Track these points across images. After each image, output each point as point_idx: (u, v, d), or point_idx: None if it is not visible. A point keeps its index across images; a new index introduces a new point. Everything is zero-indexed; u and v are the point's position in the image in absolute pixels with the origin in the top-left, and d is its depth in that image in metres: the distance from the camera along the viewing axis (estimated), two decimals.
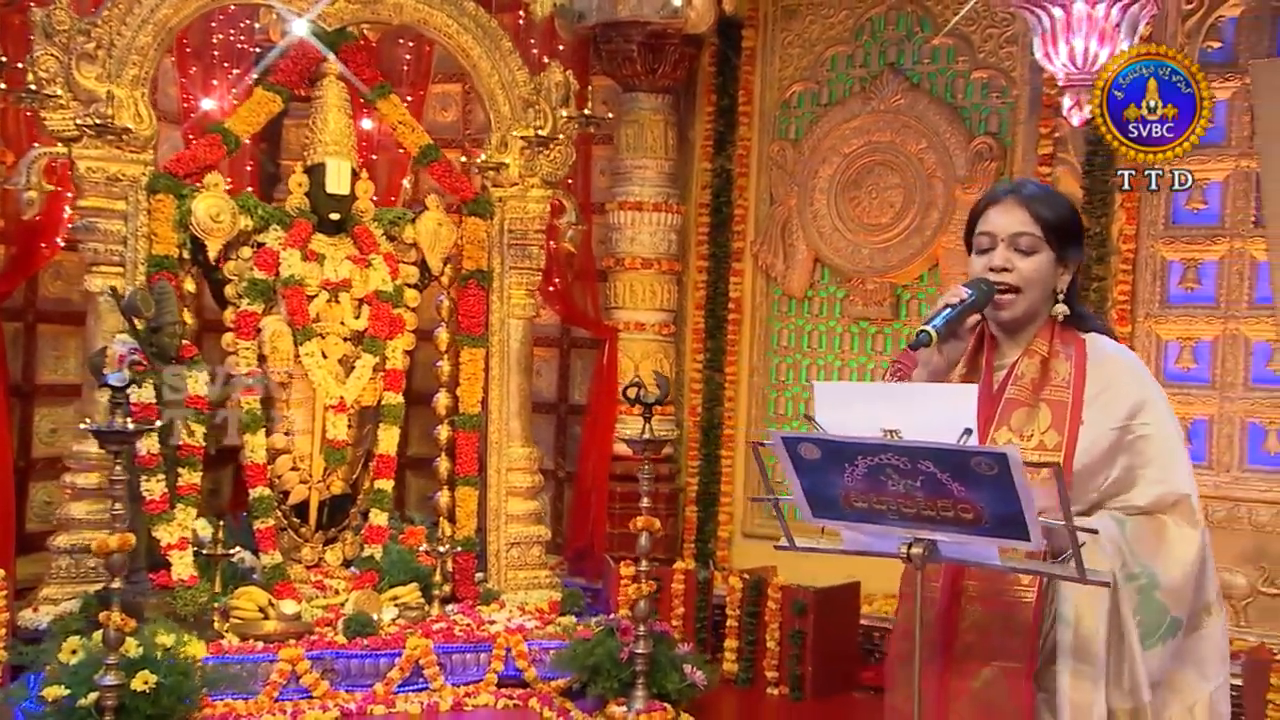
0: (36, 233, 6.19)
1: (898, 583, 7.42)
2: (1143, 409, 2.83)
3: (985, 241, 2.83)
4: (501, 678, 6.10)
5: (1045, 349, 2.88)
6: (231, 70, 7.31)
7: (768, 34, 7.71)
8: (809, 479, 2.55)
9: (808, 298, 7.78)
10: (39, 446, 6.66)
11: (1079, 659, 2.73)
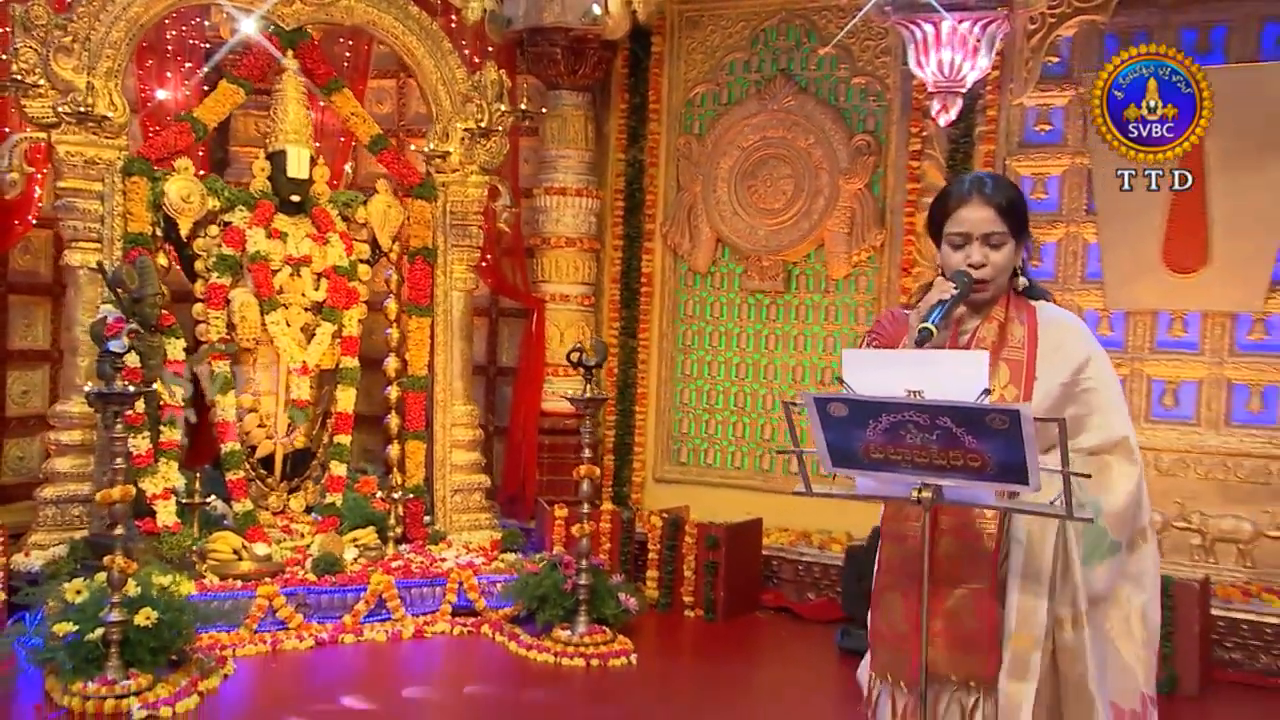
0: (10, 211, 6.08)
1: (791, 519, 7.63)
2: (1088, 365, 2.91)
3: (959, 240, 2.89)
4: (455, 608, 6.27)
5: (1002, 315, 2.94)
6: (184, 63, 7.18)
7: (674, 41, 7.68)
8: (833, 434, 2.59)
9: (710, 273, 7.78)
10: (11, 407, 6.61)
11: (1028, 574, 2.81)
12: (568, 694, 5.57)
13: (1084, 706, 2.84)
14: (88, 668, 4.72)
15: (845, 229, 7.22)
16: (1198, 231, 6.61)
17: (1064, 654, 2.82)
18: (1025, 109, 6.95)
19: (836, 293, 7.46)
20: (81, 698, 4.66)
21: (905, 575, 2.88)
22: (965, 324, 2.92)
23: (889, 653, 2.94)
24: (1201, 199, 6.58)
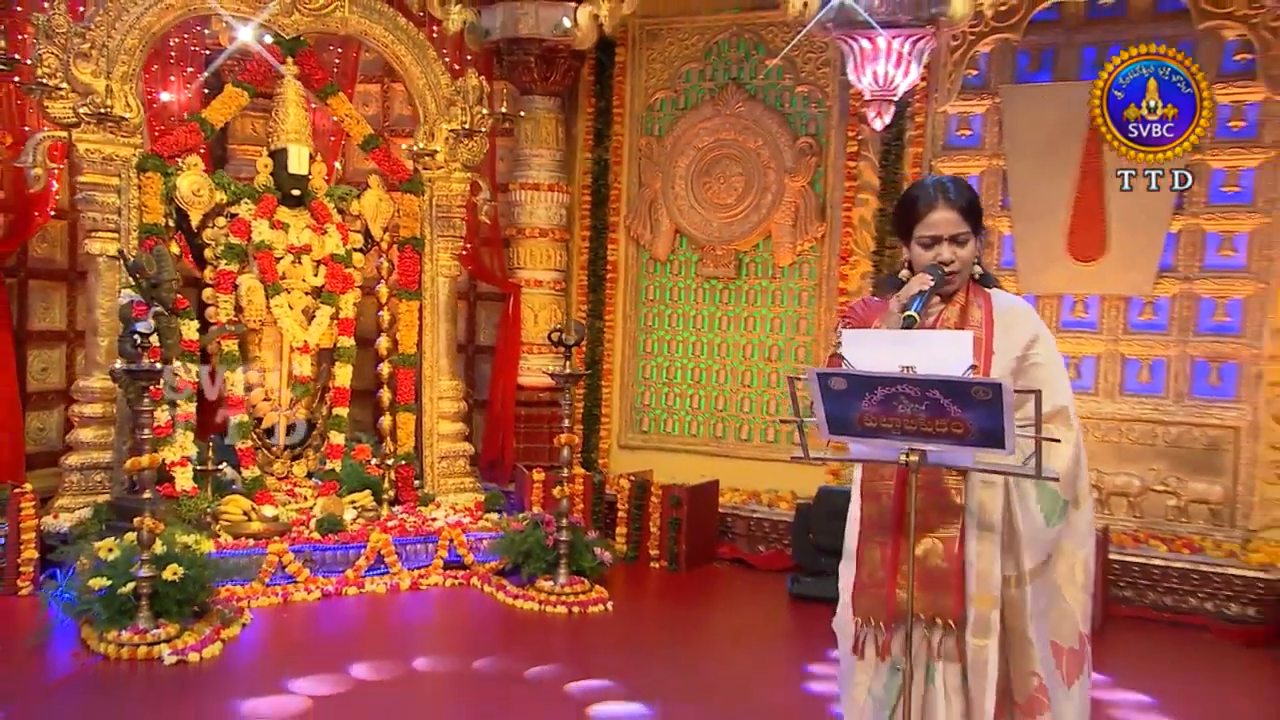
0: (31, 203, 6.06)
1: (743, 481, 7.73)
2: (1035, 343, 2.96)
3: (929, 241, 2.94)
4: (446, 563, 6.39)
5: (963, 300, 3.00)
6: (186, 68, 7.10)
7: (636, 51, 7.70)
8: (832, 405, 2.62)
9: (669, 261, 7.80)
10: (32, 382, 6.56)
11: (982, 529, 2.88)
12: (553, 637, 5.59)
13: (1024, 648, 2.91)
14: (120, 618, 4.80)
15: (790, 222, 7.32)
16: (1098, 226, 6.72)
17: (1009, 608, 2.89)
18: (948, 116, 7.10)
19: (782, 279, 7.52)
20: (116, 645, 4.74)
21: (881, 529, 2.96)
22: (931, 309, 2.96)
23: (869, 599, 2.97)
24: (1100, 196, 6.67)
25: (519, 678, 5.03)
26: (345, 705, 4.63)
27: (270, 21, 6.25)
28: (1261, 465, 6.54)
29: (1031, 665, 2.92)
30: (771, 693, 5.06)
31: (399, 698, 4.82)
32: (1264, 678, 5.65)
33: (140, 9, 5.82)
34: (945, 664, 2.89)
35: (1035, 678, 2.92)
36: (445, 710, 5.01)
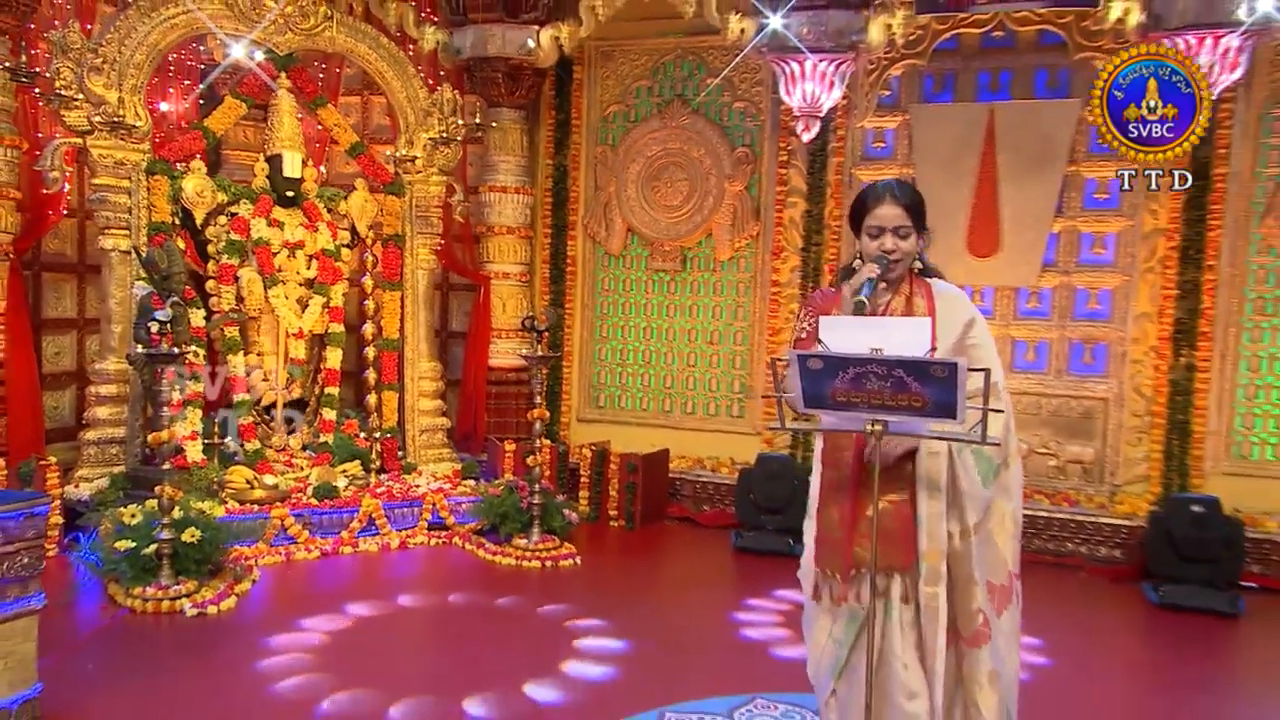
0: (45, 203, 6.04)
1: (689, 449, 7.81)
2: (972, 327, 3.00)
3: (876, 231, 2.97)
4: (430, 524, 6.42)
5: (908, 290, 3.03)
6: (183, 80, 7.06)
7: (592, 70, 7.67)
8: (808, 382, 2.62)
9: (622, 255, 7.79)
10: (46, 365, 6.50)
11: (930, 491, 2.94)
12: (530, 588, 5.64)
13: (970, 590, 2.95)
14: (145, 576, 4.90)
15: (729, 221, 7.41)
16: (992, 227, 6.86)
17: (955, 558, 2.94)
18: (865, 130, 7.18)
19: (722, 271, 7.56)
20: (142, 600, 4.84)
21: (840, 492, 2.98)
22: (880, 298, 2.98)
23: (829, 551, 3.00)
24: (994, 201, 6.82)
25: (517, 616, 5.13)
26: (351, 637, 4.74)
27: (265, 40, 6.22)
28: (1125, 430, 6.77)
29: (976, 604, 2.96)
30: (720, 629, 5.14)
31: (401, 629, 4.94)
32: (1126, 605, 5.87)
33: (147, 28, 5.81)
34: (900, 606, 2.91)
35: (980, 614, 2.96)
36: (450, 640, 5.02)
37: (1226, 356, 6.52)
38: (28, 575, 3.59)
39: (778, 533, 6.41)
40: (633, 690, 4.25)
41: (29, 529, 3.58)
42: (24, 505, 3.58)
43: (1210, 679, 4.85)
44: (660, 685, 4.30)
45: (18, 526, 3.54)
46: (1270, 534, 6.18)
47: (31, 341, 6.03)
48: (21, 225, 5.92)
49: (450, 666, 4.54)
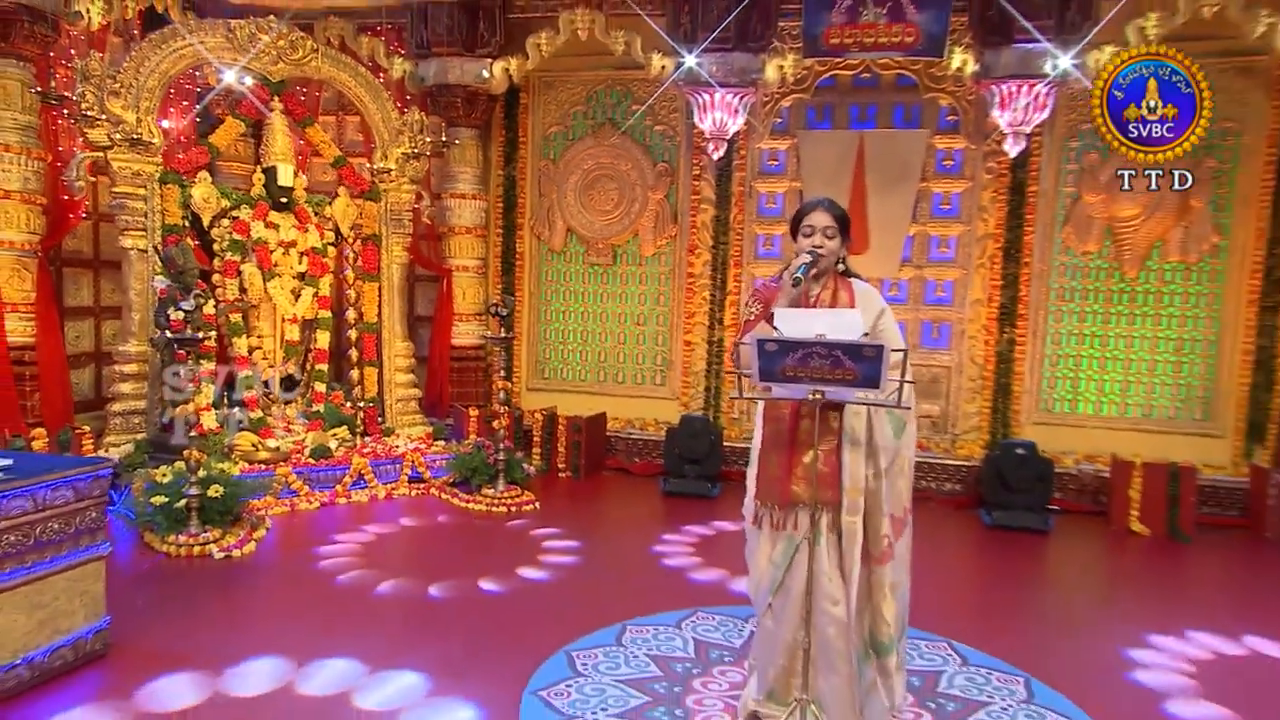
0: (66, 207, 5.99)
1: (622, 412, 7.88)
2: (882, 316, 3.06)
3: (809, 231, 3.03)
4: (410, 478, 6.40)
5: (834, 286, 3.07)
6: (181, 100, 6.94)
7: (536, 96, 7.65)
8: (764, 361, 2.69)
9: (562, 251, 7.79)
10: (69, 347, 6.38)
11: (853, 444, 2.98)
12: (499, 528, 5.70)
13: (879, 521, 3.00)
14: (176, 525, 4.97)
15: (652, 224, 7.52)
16: (862, 230, 7.01)
17: (869, 495, 3.00)
18: (762, 150, 7.29)
19: (646, 265, 7.64)
20: (175, 546, 4.91)
21: (779, 444, 3.05)
22: (812, 291, 3.05)
23: (769, 487, 3.06)
24: (863, 209, 6.96)
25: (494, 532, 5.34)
26: (369, 548, 4.97)
27: (261, 69, 6.20)
28: (963, 392, 7.04)
29: (884, 531, 3.03)
30: (650, 552, 5.28)
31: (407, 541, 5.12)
32: (967, 527, 6.16)
33: (159, 57, 5.78)
34: (827, 533, 2.97)
35: (886, 539, 3.03)
36: (444, 548, 5.18)
37: (1037, 333, 6.91)
38: (95, 527, 3.67)
39: (698, 479, 6.66)
40: (595, 608, 4.29)
41: (95, 489, 3.66)
42: (90, 469, 3.65)
43: (1030, 577, 5.26)
44: (618, 604, 4.36)
45: (86, 486, 3.62)
46: (1068, 469, 6.66)
47: (58, 327, 5.97)
48: (48, 227, 5.82)
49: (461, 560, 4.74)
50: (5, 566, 3.33)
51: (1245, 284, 6.53)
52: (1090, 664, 3.92)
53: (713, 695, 3.45)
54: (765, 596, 3.08)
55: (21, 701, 3.26)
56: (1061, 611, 4.66)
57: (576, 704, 3.30)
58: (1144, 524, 6.12)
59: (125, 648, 3.69)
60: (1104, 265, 6.78)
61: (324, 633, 3.95)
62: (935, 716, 3.35)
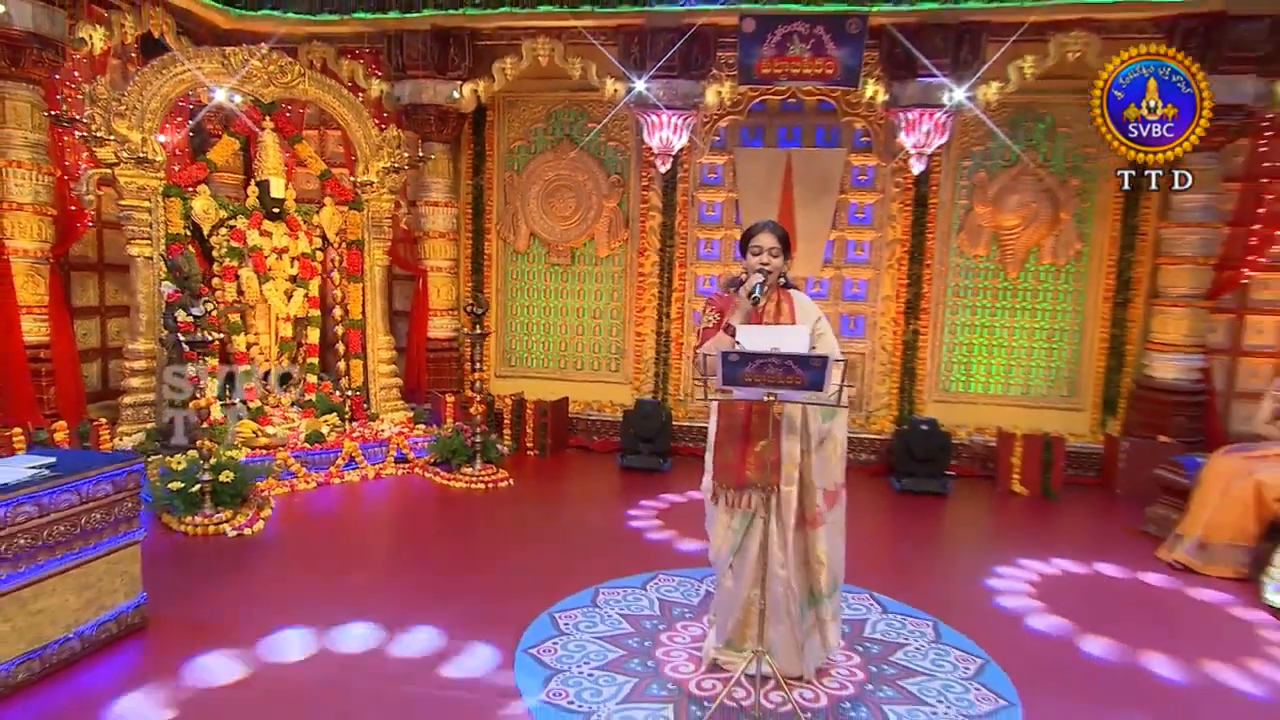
0: (74, 217, 5.88)
1: (582, 396, 7.97)
2: (819, 322, 3.17)
3: (757, 250, 3.13)
4: (395, 460, 6.43)
5: (778, 298, 3.20)
6: (175, 117, 6.76)
7: (501, 114, 7.63)
8: (728, 369, 2.81)
9: (526, 253, 7.78)
10: (78, 344, 6.15)
11: (790, 430, 3.10)
12: (478, 502, 5.76)
13: (812, 491, 3.12)
14: (192, 507, 5.02)
15: (606, 229, 7.58)
16: (790, 233, 7.25)
17: (803, 470, 3.12)
18: (703, 164, 7.39)
19: (601, 265, 7.68)
20: (192, 525, 4.96)
21: (733, 435, 3.16)
22: (760, 304, 3.14)
23: (725, 472, 3.16)
24: (791, 217, 7.11)
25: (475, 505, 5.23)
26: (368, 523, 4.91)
27: (253, 91, 6.16)
28: (875, 375, 7.23)
29: (816, 499, 3.16)
30: (618, 525, 5.37)
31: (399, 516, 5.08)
32: (879, 492, 6.36)
33: (160, 81, 5.71)
34: (779, 508, 3.10)
35: (818, 508, 3.16)
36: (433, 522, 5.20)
37: (936, 325, 7.19)
38: (131, 515, 3.74)
39: (651, 455, 6.84)
40: (571, 574, 4.37)
41: (130, 482, 3.73)
42: (125, 465, 3.71)
43: (933, 534, 5.52)
44: (590, 568, 4.45)
45: (122, 480, 3.69)
46: (961, 440, 6.99)
47: (70, 326, 5.89)
48: (58, 235, 5.73)
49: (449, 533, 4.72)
50: (57, 553, 3.42)
51: (1102, 283, 7.01)
52: (984, 606, 4.24)
53: (678, 647, 3.63)
54: (725, 559, 3.23)
55: (75, 669, 3.36)
56: (959, 562, 4.98)
57: (563, 659, 3.47)
58: (1023, 485, 6.54)
59: (162, 620, 3.76)
60: (991, 267, 7.12)
61: (339, 599, 4.05)
62: (863, 657, 3.60)
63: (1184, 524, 5.04)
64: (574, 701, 3.15)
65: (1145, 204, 6.83)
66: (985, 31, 6.31)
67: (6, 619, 3.21)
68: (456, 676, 3.36)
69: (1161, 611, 4.33)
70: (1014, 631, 3.97)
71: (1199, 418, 6.64)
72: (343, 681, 3.31)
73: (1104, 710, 3.28)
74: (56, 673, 3.32)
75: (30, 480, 3.35)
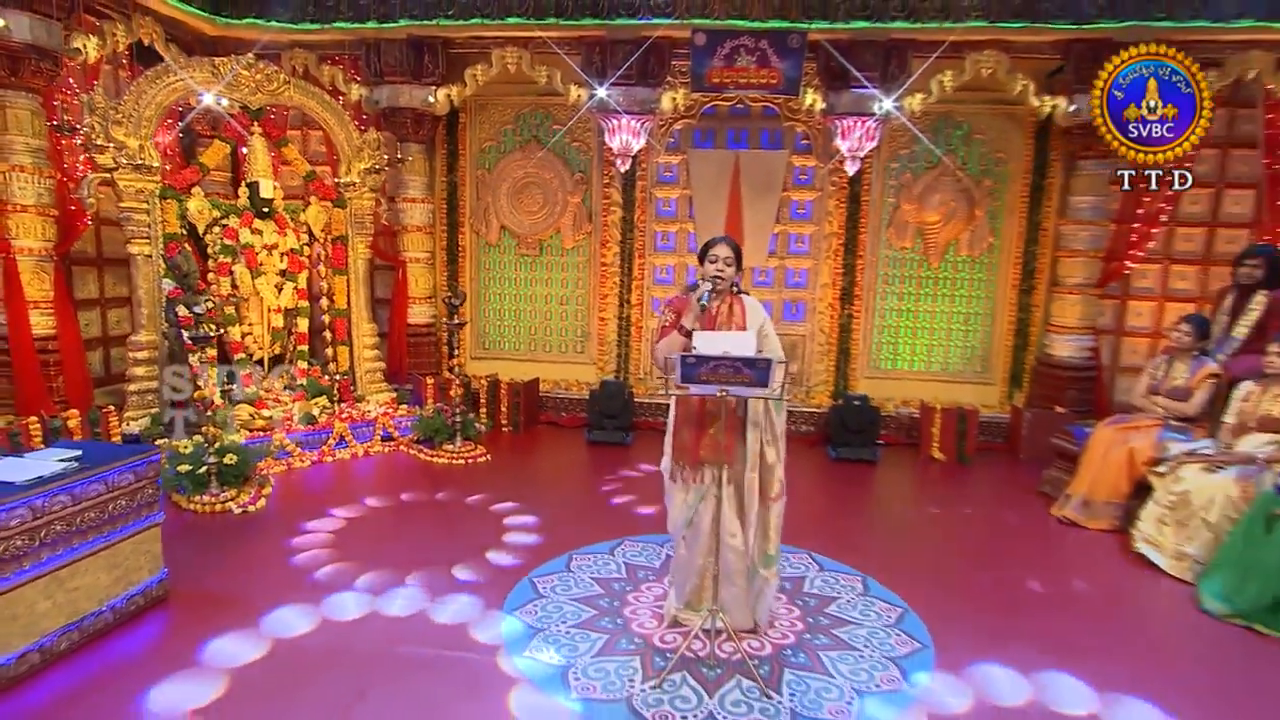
0: (74, 216, 5.84)
1: (551, 376, 8.03)
2: (764, 324, 3.29)
3: (714, 259, 3.23)
4: (382, 438, 6.49)
5: (730, 301, 3.31)
6: (165, 120, 6.67)
7: (473, 116, 7.63)
8: (686, 369, 2.93)
9: (497, 244, 7.81)
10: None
11: (753, 424, 3.21)
12: (459, 476, 5.86)
13: (772, 472, 3.26)
14: (200, 488, 5.10)
15: (571, 222, 7.66)
16: (738, 227, 7.28)
17: (765, 456, 3.25)
18: (659, 164, 7.48)
19: (567, 256, 7.76)
20: (200, 504, 5.06)
21: (689, 421, 3.29)
22: (714, 303, 3.27)
23: (681, 454, 3.30)
24: (739, 212, 7.26)
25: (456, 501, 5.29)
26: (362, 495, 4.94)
27: (241, 98, 6.12)
28: (814, 354, 7.42)
29: (777, 477, 3.31)
30: (595, 492, 5.54)
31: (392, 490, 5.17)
32: (817, 460, 6.56)
33: (155, 90, 5.67)
34: (726, 486, 3.25)
35: (779, 483, 3.32)
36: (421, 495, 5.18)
37: (868, 309, 7.41)
38: (152, 500, 3.85)
39: (615, 429, 7.00)
40: (549, 543, 4.49)
41: (150, 471, 3.85)
42: (144, 455, 3.82)
43: (863, 498, 5.76)
44: (562, 536, 4.57)
45: (144, 469, 3.82)
46: (889, 413, 7.23)
47: (74, 318, 5.88)
48: (60, 233, 5.72)
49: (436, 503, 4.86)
50: (89, 537, 3.57)
51: (1010, 273, 7.36)
52: (905, 561, 4.51)
53: (643, 606, 3.83)
54: (680, 530, 3.41)
55: (110, 638, 3.53)
56: (885, 523, 5.27)
57: (543, 619, 3.65)
58: (942, 452, 6.88)
59: (182, 592, 3.89)
60: (915, 258, 7.38)
61: (337, 564, 4.21)
62: (802, 610, 3.87)
63: (1072, 485, 5.43)
64: (554, 656, 3.36)
65: (1047, 203, 7.20)
66: (910, 49, 6.55)
67: (48, 596, 3.37)
68: (450, 637, 3.54)
69: (1039, 557, 4.69)
70: (924, 580, 4.25)
71: (1089, 390, 7.09)
72: (343, 644, 3.49)
73: (987, 638, 3.62)
74: (93, 642, 3.49)
75: (62, 473, 3.48)
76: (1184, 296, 7.17)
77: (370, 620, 3.71)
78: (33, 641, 3.30)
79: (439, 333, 7.74)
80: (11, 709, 3.05)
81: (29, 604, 3.28)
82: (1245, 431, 4.71)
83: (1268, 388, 4.69)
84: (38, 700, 3.10)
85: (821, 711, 3.07)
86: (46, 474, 3.44)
